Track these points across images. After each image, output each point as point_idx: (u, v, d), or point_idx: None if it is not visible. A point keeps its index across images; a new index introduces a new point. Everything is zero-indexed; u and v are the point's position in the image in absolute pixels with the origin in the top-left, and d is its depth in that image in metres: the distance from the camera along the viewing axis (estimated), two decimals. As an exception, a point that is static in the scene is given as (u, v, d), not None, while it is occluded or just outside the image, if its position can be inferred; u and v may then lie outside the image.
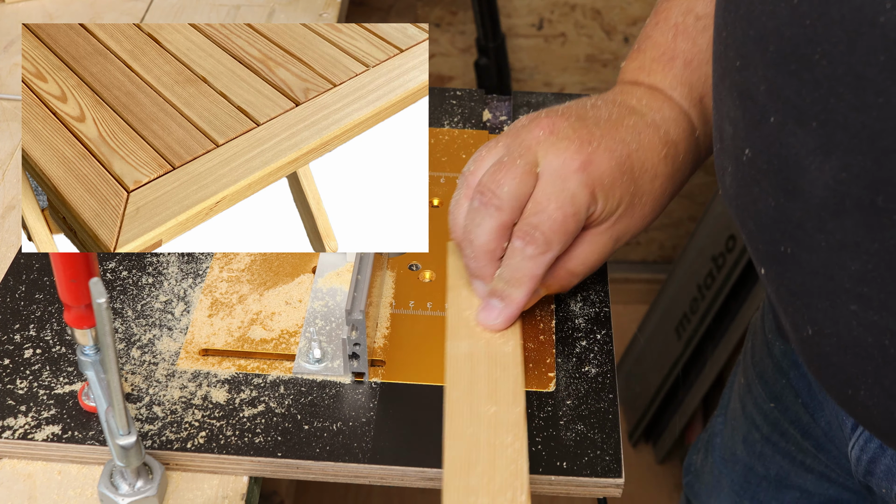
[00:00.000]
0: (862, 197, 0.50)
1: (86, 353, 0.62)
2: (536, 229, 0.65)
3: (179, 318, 0.73)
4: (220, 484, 0.64)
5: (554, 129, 0.67)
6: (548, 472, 0.63)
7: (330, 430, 0.65)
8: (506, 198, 0.65)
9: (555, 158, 0.66)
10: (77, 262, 0.56)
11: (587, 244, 0.69)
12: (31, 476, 0.64)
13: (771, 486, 0.92)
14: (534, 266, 0.66)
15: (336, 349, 0.70)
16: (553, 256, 0.66)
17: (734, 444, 0.95)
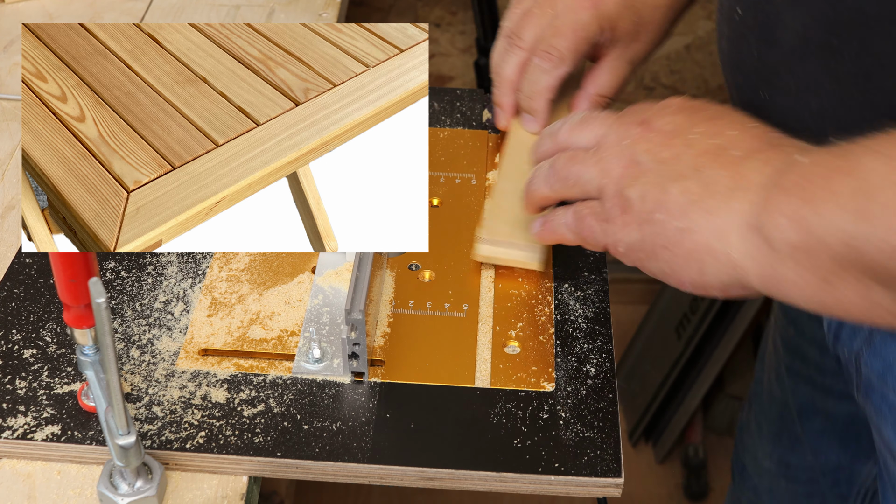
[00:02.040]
0: (821, 39, 0.59)
1: (85, 353, 0.62)
2: (553, 47, 0.78)
3: (179, 318, 0.73)
4: (220, 484, 0.64)
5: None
6: (548, 472, 0.63)
7: (329, 430, 0.65)
8: (528, 39, 0.80)
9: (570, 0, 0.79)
10: (76, 262, 0.56)
11: (605, 70, 0.82)
12: (31, 476, 0.64)
13: (801, 417, 0.99)
14: (549, 79, 0.79)
15: (336, 349, 0.70)
16: (565, 72, 0.79)
17: (770, 385, 1.04)
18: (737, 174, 0.57)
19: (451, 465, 0.63)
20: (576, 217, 0.65)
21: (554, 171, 0.66)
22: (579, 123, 0.67)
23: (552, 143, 0.69)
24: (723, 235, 0.56)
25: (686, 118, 0.61)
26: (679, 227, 0.58)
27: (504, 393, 0.68)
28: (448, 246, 0.79)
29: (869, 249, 0.49)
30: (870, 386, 0.73)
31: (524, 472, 0.63)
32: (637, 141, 0.61)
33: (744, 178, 0.56)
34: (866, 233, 0.48)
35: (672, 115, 0.62)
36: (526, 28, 0.80)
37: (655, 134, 0.61)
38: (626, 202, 0.60)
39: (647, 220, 0.59)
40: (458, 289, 0.75)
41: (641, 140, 0.61)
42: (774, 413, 1.04)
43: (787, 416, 1.02)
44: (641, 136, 0.62)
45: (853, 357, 0.74)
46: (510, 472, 0.63)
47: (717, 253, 0.56)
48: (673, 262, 0.59)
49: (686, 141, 0.60)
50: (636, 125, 0.62)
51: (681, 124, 0.61)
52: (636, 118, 0.63)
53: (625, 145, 0.62)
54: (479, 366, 0.70)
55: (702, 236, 0.57)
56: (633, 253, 0.61)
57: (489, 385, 0.68)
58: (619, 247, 0.62)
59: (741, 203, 0.55)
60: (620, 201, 0.61)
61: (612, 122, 0.65)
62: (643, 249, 0.60)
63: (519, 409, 0.67)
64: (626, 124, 0.63)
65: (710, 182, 0.57)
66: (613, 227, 0.62)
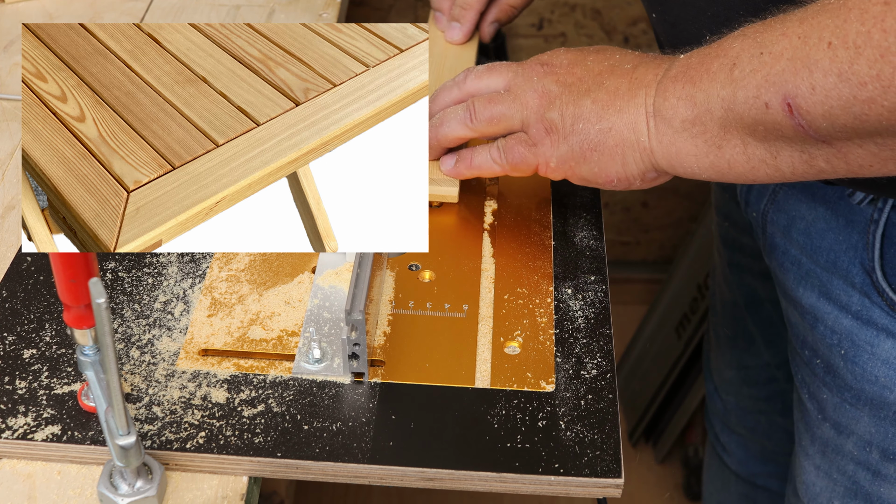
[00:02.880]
0: None
1: (85, 354, 0.62)
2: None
3: (179, 318, 0.73)
4: (220, 484, 0.64)
5: None
6: (548, 473, 0.63)
7: (329, 431, 0.65)
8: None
9: None
10: (76, 262, 0.56)
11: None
12: (31, 476, 0.64)
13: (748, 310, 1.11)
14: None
15: (336, 349, 0.70)
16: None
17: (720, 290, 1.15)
18: (633, 79, 0.68)
19: (450, 465, 0.63)
20: (503, 149, 0.74)
21: (473, 112, 0.75)
22: (485, 71, 0.77)
23: (459, 91, 0.78)
24: (634, 126, 0.67)
25: (577, 54, 0.73)
26: (600, 129, 0.68)
27: (504, 393, 0.68)
28: (448, 246, 0.79)
29: (742, 108, 0.60)
30: (774, 245, 0.85)
31: (524, 473, 0.63)
32: (543, 76, 0.73)
33: (639, 80, 0.68)
34: (737, 95, 0.60)
35: (565, 54, 0.74)
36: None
37: (557, 68, 0.73)
38: (549, 123, 0.71)
39: (570, 132, 0.70)
40: (458, 289, 0.75)
41: (547, 75, 0.72)
42: (727, 316, 1.15)
43: (738, 315, 1.13)
44: (546, 73, 0.73)
45: (760, 218, 0.86)
46: (510, 472, 0.63)
47: (632, 143, 0.67)
48: (601, 160, 0.69)
49: (584, 67, 0.72)
50: (538, 65, 0.74)
51: (575, 58, 0.73)
52: (535, 61, 0.74)
53: (535, 80, 0.73)
54: (479, 366, 0.70)
55: (619, 132, 0.68)
56: (564, 164, 0.71)
57: (489, 385, 0.68)
58: (550, 162, 0.72)
59: (642, 98, 0.67)
60: (545, 124, 0.71)
61: (516, 68, 0.75)
62: (573, 157, 0.70)
63: (519, 409, 0.67)
64: (530, 67, 0.74)
65: (613, 89, 0.69)
66: (542, 147, 0.72)
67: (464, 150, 0.79)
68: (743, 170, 0.63)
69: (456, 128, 0.76)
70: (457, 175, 0.79)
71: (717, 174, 0.65)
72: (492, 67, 0.77)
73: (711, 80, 0.62)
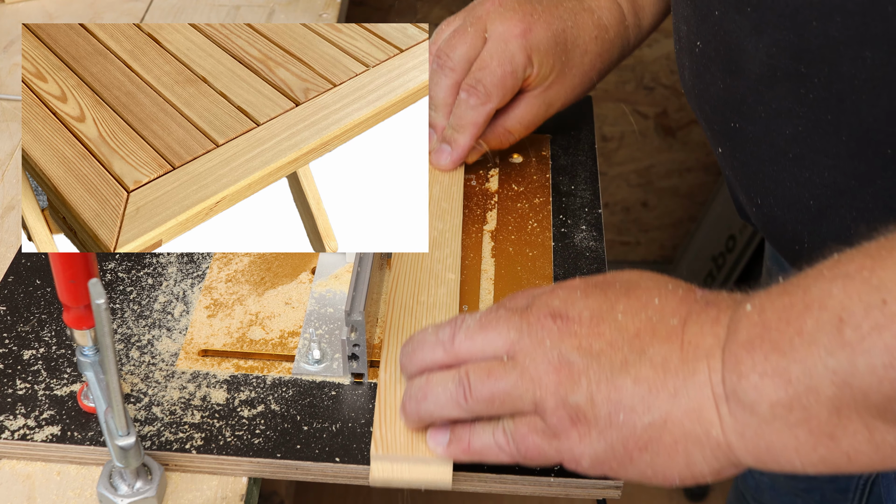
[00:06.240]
0: (789, 67, 0.60)
1: (85, 354, 0.62)
2: (480, 83, 0.78)
3: (179, 319, 0.73)
4: (220, 485, 0.64)
5: (502, 2, 0.79)
6: (547, 473, 0.63)
7: (329, 431, 0.65)
8: (457, 60, 0.79)
9: (500, 25, 0.78)
10: (76, 262, 0.56)
11: (522, 106, 0.81)
12: (31, 477, 0.64)
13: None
14: (476, 115, 0.79)
15: (335, 350, 0.70)
16: (493, 108, 0.79)
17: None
18: (685, 344, 0.51)
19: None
20: (513, 437, 0.55)
21: (468, 390, 0.55)
22: (478, 328, 0.56)
23: (444, 353, 0.57)
24: (699, 415, 0.50)
25: (601, 299, 0.54)
26: (649, 423, 0.50)
27: (504, 394, 0.68)
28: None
29: (865, 382, 0.44)
30: None
31: (524, 474, 0.63)
32: (559, 338, 0.53)
33: (695, 346, 0.51)
34: (856, 365, 0.44)
35: (584, 298, 0.55)
36: (456, 48, 0.79)
37: (577, 325, 0.53)
38: (574, 411, 0.52)
39: (608, 424, 0.51)
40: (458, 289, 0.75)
41: (564, 336, 0.53)
42: None
43: None
44: (562, 333, 0.53)
45: None
46: (510, 473, 0.63)
47: (698, 438, 0.50)
48: (655, 462, 0.51)
49: (614, 324, 0.53)
50: (550, 320, 0.54)
51: (599, 307, 0.54)
52: (544, 311, 0.55)
53: (546, 346, 0.53)
54: (479, 367, 0.69)
55: (677, 424, 0.50)
56: (601, 465, 0.53)
57: (489, 386, 0.68)
58: (582, 461, 0.53)
59: (705, 374, 0.50)
60: (567, 412, 0.52)
61: (520, 323, 0.55)
62: (614, 458, 0.52)
63: (519, 410, 0.67)
64: (538, 322, 0.54)
65: (661, 361, 0.51)
66: (568, 441, 0.53)
67: (459, 427, 0.58)
68: (869, 461, 0.47)
69: (445, 406, 0.56)
70: (450, 457, 0.59)
71: (830, 468, 0.48)
72: (485, 323, 0.56)
73: (810, 345, 0.45)
